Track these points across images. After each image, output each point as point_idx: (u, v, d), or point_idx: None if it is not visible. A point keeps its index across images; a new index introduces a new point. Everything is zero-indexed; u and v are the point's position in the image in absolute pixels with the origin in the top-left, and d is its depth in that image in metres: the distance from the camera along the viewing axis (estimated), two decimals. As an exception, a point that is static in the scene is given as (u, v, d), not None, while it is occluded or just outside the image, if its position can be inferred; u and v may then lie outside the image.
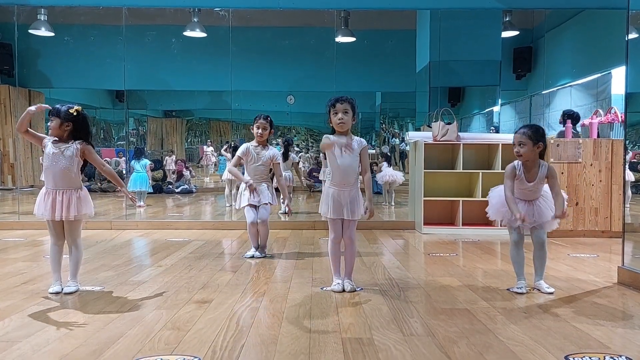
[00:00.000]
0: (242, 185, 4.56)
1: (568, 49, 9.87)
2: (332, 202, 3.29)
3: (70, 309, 2.95)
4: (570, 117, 7.05)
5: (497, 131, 8.28)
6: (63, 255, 3.32)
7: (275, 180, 4.78)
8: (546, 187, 3.34)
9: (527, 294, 3.28)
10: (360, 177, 3.39)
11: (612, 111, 5.87)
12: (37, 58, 10.89)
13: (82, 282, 3.45)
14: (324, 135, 3.32)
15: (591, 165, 5.60)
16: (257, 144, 4.50)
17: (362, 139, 3.36)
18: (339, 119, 3.24)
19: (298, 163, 9.34)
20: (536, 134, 3.25)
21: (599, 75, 8.98)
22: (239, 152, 4.54)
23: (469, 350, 2.32)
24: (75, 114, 3.23)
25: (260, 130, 4.46)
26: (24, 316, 2.80)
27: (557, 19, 10.00)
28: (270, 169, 4.57)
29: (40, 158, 8.36)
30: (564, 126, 6.70)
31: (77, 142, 3.25)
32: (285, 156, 7.59)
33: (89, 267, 4.02)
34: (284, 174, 7.50)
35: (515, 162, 3.35)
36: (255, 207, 4.49)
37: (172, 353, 2.27)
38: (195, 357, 2.22)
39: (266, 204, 4.49)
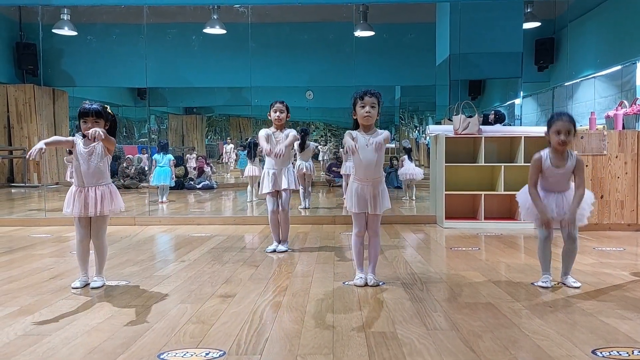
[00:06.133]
0: (264, 172, 4.58)
1: (591, 39, 9.69)
2: (355, 196, 3.28)
3: (97, 303, 3.01)
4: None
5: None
6: (90, 251, 3.38)
7: (295, 168, 4.74)
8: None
9: (552, 288, 3.24)
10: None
11: (638, 102, 5.76)
12: (60, 57, 11.07)
13: (107, 277, 3.50)
14: (347, 132, 3.30)
15: (616, 157, 5.50)
16: (275, 130, 4.51)
17: (386, 131, 3.33)
18: (367, 112, 3.21)
19: (317, 150, 9.28)
20: (574, 121, 3.19)
21: (623, 65, 8.80)
22: (263, 136, 4.47)
23: (494, 344, 2.30)
24: (112, 114, 3.32)
25: (277, 114, 4.45)
26: (53, 310, 2.86)
27: (579, 9, 9.82)
28: (293, 148, 4.51)
29: (65, 158, 8.50)
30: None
31: None
32: (303, 146, 7.53)
33: (115, 262, 4.09)
34: (303, 163, 7.52)
35: (543, 152, 3.27)
36: (277, 194, 4.51)
37: (198, 346, 2.30)
38: (220, 351, 2.25)
39: (286, 190, 4.51)
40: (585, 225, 5.05)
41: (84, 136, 3.29)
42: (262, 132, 4.51)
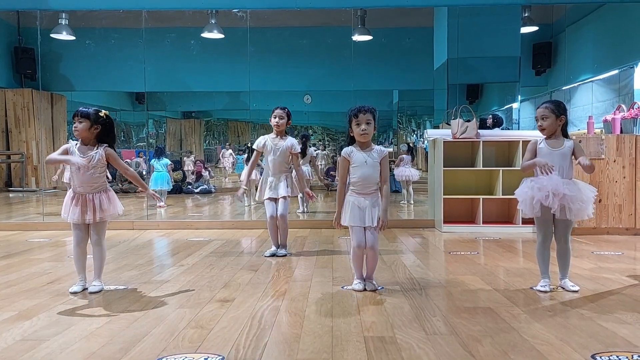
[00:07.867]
0: (262, 178, 4.59)
1: (589, 43, 9.73)
2: (353, 209, 3.26)
3: (95, 308, 3.00)
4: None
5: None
6: (87, 255, 3.38)
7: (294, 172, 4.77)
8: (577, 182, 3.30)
9: (551, 292, 3.25)
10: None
11: (636, 106, 5.77)
12: (59, 62, 11.08)
13: (106, 281, 3.50)
14: (343, 150, 3.32)
15: (614, 161, 5.51)
16: (275, 136, 4.51)
17: (383, 148, 3.33)
18: (362, 130, 3.21)
19: (316, 158, 9.30)
20: (558, 108, 3.31)
21: (621, 69, 8.83)
22: (255, 146, 4.55)
23: (493, 349, 2.30)
24: (104, 117, 3.30)
25: (277, 120, 4.44)
26: (51, 315, 2.85)
27: (577, 13, 9.86)
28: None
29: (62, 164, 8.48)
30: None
31: (101, 147, 3.29)
32: (304, 152, 7.53)
33: (113, 267, 4.08)
34: (302, 168, 7.50)
35: (539, 137, 3.39)
36: (275, 200, 4.51)
37: (197, 351, 2.30)
38: (219, 356, 2.24)
39: (284, 197, 4.50)
40: (584, 230, 5.05)
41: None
42: (258, 141, 4.55)
